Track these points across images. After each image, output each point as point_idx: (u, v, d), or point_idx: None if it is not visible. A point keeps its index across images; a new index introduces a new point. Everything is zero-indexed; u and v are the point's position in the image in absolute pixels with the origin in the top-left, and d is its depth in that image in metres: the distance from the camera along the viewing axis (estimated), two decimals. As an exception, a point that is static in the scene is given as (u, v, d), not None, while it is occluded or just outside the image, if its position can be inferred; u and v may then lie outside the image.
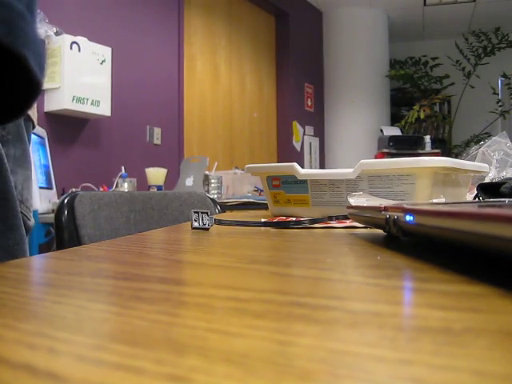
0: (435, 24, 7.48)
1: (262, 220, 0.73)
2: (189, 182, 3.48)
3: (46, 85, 3.20)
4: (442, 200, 0.75)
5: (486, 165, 0.92)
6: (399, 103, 7.64)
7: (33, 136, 2.15)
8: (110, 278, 0.32)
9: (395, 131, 6.79)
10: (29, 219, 0.77)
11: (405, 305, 0.23)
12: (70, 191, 3.05)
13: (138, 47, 4.08)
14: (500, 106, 7.19)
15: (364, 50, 6.84)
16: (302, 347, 0.16)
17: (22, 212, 0.74)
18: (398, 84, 7.48)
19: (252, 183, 3.77)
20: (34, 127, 0.84)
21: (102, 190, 3.34)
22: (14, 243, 0.68)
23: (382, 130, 6.73)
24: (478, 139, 6.87)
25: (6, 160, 0.67)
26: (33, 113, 0.82)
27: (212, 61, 5.23)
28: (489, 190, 0.85)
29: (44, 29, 3.14)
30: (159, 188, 3.50)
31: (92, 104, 3.37)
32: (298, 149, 6.47)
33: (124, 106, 3.90)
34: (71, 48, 3.23)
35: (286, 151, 6.25)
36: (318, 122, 6.90)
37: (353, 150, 6.71)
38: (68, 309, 0.23)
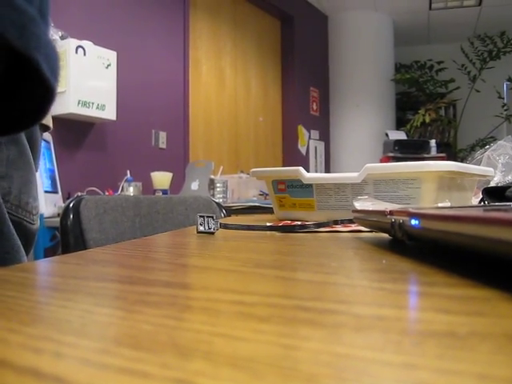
0: (440, 28, 7.48)
1: (268, 224, 0.73)
2: (194, 186, 3.49)
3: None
4: (448, 204, 0.75)
5: (492, 169, 0.92)
6: (404, 107, 7.63)
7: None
8: (115, 282, 0.32)
9: (400, 135, 6.78)
10: (31, 223, 0.75)
11: (410, 309, 0.23)
12: (75, 195, 3.06)
13: (143, 51, 4.10)
14: (505, 110, 7.17)
15: (369, 54, 6.84)
16: (307, 351, 0.16)
17: (19, 217, 0.72)
18: (403, 88, 7.48)
19: (257, 187, 3.77)
20: (48, 128, 0.83)
21: (107, 194, 3.34)
22: (4, 252, 0.67)
23: (387, 134, 6.72)
24: (483, 143, 6.85)
25: None
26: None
27: (217, 65, 5.24)
28: (494, 194, 0.85)
29: (49, 33, 3.14)
30: (164, 192, 3.50)
31: (97, 108, 3.38)
32: (304, 153, 6.47)
33: (129, 110, 3.91)
34: (76, 52, 3.24)
35: (292, 155, 6.25)
36: (323, 126, 6.90)
37: (358, 154, 6.70)
38: (73, 313, 0.23)
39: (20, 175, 0.72)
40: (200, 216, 0.65)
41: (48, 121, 0.82)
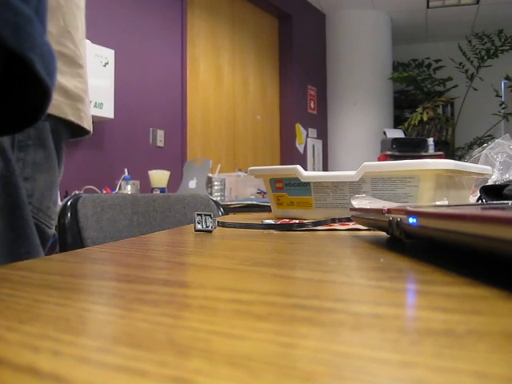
0: (438, 26, 7.48)
1: (265, 222, 0.73)
2: (192, 184, 3.49)
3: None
4: (445, 202, 0.75)
5: (489, 167, 0.92)
6: (402, 105, 7.64)
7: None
8: (113, 281, 0.32)
9: (398, 133, 6.79)
10: (49, 227, 0.76)
11: (407, 307, 0.23)
12: (73, 193, 3.06)
13: (141, 49, 4.09)
14: (503, 109, 7.18)
15: (367, 53, 6.84)
16: (305, 349, 0.16)
17: (39, 220, 0.73)
18: (401, 86, 7.48)
19: (255, 185, 3.77)
20: (88, 133, 0.83)
21: (105, 192, 3.34)
22: (25, 251, 0.68)
23: (385, 133, 6.73)
24: (481, 141, 6.86)
25: (16, 167, 0.67)
26: (84, 119, 0.80)
27: (215, 63, 5.24)
28: (492, 192, 0.85)
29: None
30: (162, 190, 3.50)
31: (95, 106, 3.38)
32: (301, 151, 6.47)
33: (127, 109, 3.90)
34: (74, 50, 3.23)
35: (289, 153, 6.25)
36: (321, 124, 6.90)
37: (356, 152, 6.71)
38: (71, 311, 0.23)
39: (44, 179, 0.73)
40: (198, 214, 0.65)
41: (89, 124, 0.82)
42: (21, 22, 0.34)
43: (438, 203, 0.74)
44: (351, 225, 0.70)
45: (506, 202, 0.74)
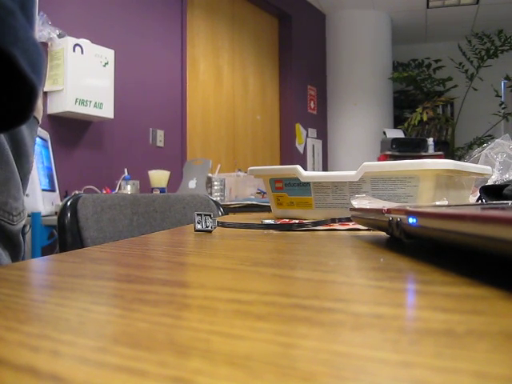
0: (438, 26, 7.48)
1: (265, 222, 0.73)
2: (192, 184, 3.49)
3: (48, 87, 3.21)
4: (445, 202, 0.75)
5: (489, 167, 0.92)
6: (402, 105, 7.64)
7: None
8: (112, 281, 0.32)
9: (398, 133, 6.79)
10: (11, 224, 0.71)
11: (407, 307, 0.23)
12: (72, 193, 3.06)
13: (140, 49, 4.09)
14: (503, 109, 7.18)
15: (367, 53, 6.84)
16: (304, 349, 0.16)
17: None
18: (401, 86, 7.48)
19: (255, 185, 3.77)
20: (38, 123, 0.81)
21: (104, 192, 3.34)
22: None
23: (384, 133, 6.73)
24: (480, 141, 6.86)
25: None
26: (36, 110, 0.77)
27: (215, 63, 5.24)
28: (492, 192, 0.85)
29: (47, 31, 3.14)
30: (162, 190, 3.50)
31: (95, 106, 3.38)
32: (301, 151, 6.47)
33: (127, 109, 3.90)
34: (74, 50, 3.24)
35: (289, 153, 6.25)
36: (320, 124, 6.91)
37: (356, 152, 6.71)
38: (71, 311, 0.23)
39: None
40: (198, 214, 0.65)
41: (40, 115, 0.79)
42: (2, 16, 0.33)
43: (437, 203, 0.74)
44: (351, 225, 0.70)
45: (506, 201, 0.74)
